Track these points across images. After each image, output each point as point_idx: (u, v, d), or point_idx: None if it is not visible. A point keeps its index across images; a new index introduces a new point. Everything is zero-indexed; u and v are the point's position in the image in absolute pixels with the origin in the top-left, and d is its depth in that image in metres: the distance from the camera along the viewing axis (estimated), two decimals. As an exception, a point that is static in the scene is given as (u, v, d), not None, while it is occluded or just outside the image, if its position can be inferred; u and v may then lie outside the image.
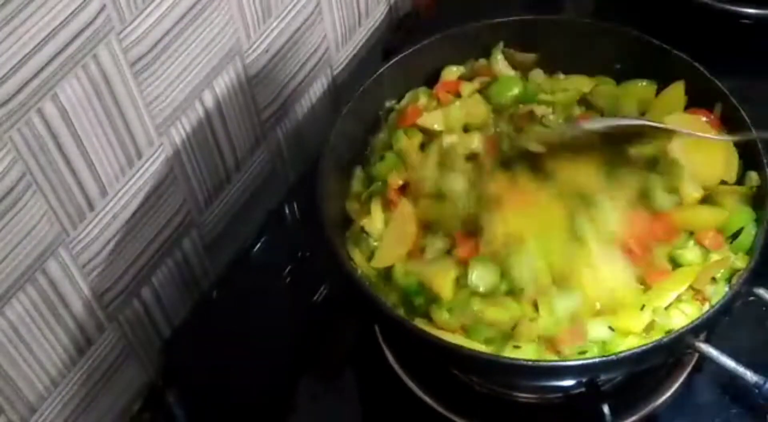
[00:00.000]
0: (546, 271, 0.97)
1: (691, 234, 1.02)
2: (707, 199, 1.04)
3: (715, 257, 1.00)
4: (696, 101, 1.09)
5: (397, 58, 1.12)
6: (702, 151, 1.04)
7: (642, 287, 0.99)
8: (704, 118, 1.07)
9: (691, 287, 0.99)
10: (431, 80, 1.16)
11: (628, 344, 0.95)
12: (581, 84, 1.15)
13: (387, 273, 1.03)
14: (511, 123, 1.11)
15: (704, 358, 0.96)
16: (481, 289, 0.98)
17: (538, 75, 1.16)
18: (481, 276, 0.98)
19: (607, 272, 0.98)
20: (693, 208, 1.02)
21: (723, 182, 1.05)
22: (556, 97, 1.13)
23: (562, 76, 1.16)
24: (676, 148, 1.05)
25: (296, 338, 1.15)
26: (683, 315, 0.97)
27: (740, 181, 1.05)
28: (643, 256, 0.99)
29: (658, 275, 0.99)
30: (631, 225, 0.99)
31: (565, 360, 0.95)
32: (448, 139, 1.09)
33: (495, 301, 0.98)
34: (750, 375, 0.93)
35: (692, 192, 1.03)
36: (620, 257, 0.98)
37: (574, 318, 0.97)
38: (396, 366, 1.10)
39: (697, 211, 1.02)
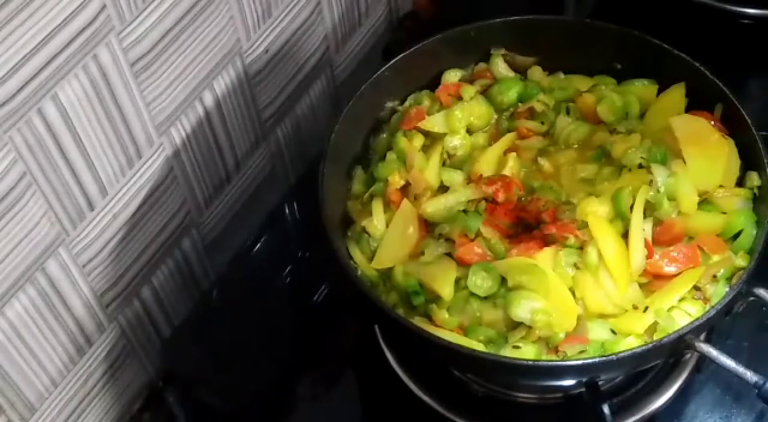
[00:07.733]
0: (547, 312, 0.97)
1: (691, 238, 1.01)
2: (707, 200, 1.03)
3: (716, 259, 1.00)
4: (696, 101, 1.09)
5: (397, 59, 1.12)
6: (704, 155, 1.04)
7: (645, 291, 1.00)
8: (707, 120, 1.07)
9: (693, 286, 0.99)
10: (432, 80, 1.16)
11: (629, 344, 0.95)
12: (581, 83, 1.15)
13: (387, 274, 1.03)
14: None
15: (704, 358, 0.96)
16: (481, 295, 0.98)
17: (536, 72, 1.16)
18: (480, 283, 0.99)
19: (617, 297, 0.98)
20: (693, 215, 1.02)
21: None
22: (554, 94, 1.13)
23: (562, 76, 1.16)
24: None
25: (296, 338, 1.15)
26: (686, 316, 0.97)
27: (740, 180, 1.05)
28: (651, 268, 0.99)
29: (661, 282, 0.99)
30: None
31: (565, 360, 0.95)
32: (452, 141, 1.09)
33: (494, 302, 0.98)
34: (750, 375, 0.93)
35: (692, 197, 1.02)
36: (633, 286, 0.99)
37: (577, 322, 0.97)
38: (396, 366, 1.10)
39: (696, 217, 1.02)
